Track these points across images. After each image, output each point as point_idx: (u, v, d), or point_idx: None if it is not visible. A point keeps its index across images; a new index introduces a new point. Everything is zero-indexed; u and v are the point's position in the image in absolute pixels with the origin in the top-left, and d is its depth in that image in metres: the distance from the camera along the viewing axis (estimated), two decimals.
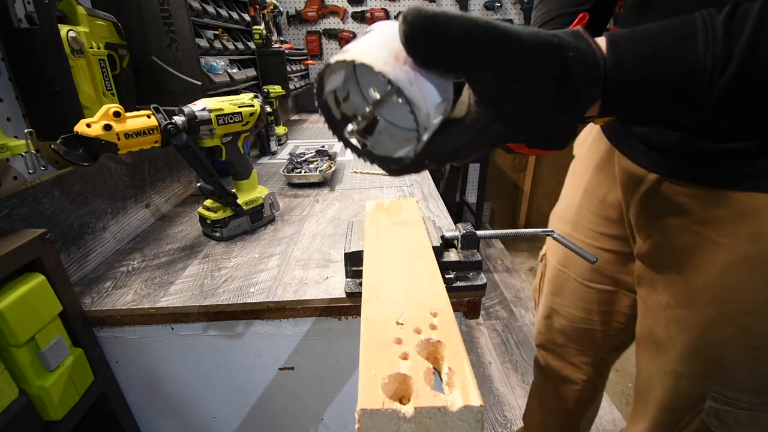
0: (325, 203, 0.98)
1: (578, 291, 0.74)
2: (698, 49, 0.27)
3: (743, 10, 0.27)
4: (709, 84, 0.28)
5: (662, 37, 0.29)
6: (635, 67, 0.29)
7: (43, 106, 0.60)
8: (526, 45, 0.26)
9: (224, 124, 0.72)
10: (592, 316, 0.74)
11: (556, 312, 0.79)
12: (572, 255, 0.73)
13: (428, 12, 0.23)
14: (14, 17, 0.55)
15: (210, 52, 1.07)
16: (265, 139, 1.47)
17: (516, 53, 0.26)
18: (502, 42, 0.26)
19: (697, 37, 0.28)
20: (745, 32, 0.27)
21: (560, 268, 0.77)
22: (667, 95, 0.29)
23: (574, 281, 0.74)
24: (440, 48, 0.24)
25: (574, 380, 0.82)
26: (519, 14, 2.64)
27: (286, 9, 2.52)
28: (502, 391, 1.48)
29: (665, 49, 0.28)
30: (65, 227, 0.64)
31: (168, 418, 0.70)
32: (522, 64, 0.27)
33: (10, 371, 0.47)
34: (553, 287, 0.79)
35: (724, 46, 0.27)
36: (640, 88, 0.29)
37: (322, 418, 0.70)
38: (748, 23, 0.27)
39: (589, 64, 0.28)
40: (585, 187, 0.69)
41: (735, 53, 0.27)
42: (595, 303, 0.72)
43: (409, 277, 0.41)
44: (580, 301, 0.74)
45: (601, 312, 0.73)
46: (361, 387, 0.27)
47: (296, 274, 0.66)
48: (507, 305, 2.00)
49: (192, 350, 0.63)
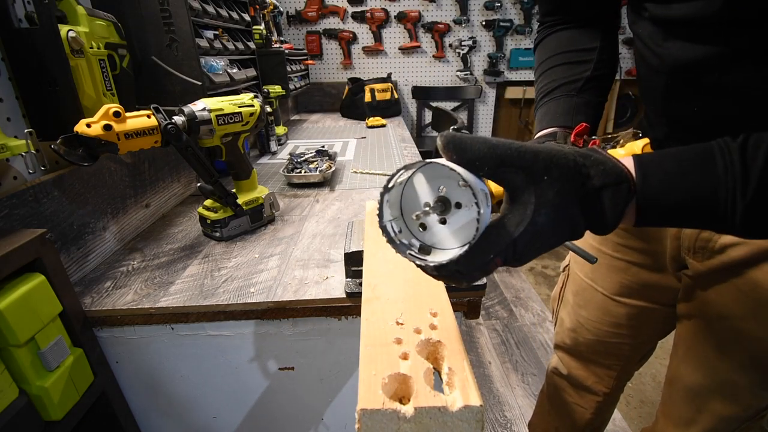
0: (325, 203, 0.97)
1: (605, 305, 0.72)
2: (718, 170, 0.30)
3: (755, 138, 0.30)
4: (734, 200, 0.30)
5: (685, 159, 0.32)
6: (662, 185, 0.31)
7: (43, 106, 0.60)
8: (538, 147, 0.30)
9: (224, 124, 0.72)
10: (620, 330, 0.72)
11: (582, 326, 0.77)
12: (599, 268, 0.71)
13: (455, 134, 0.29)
14: (14, 17, 0.55)
15: (210, 52, 1.07)
16: (265, 139, 1.47)
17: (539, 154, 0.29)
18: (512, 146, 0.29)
19: (715, 160, 0.31)
20: (759, 157, 0.30)
21: (587, 281, 0.75)
22: (695, 210, 0.31)
23: (602, 296, 0.72)
24: (466, 151, 0.28)
25: (596, 392, 0.81)
26: (519, 14, 2.64)
27: (286, 9, 2.52)
28: (502, 391, 1.48)
29: (689, 170, 0.31)
30: (65, 227, 0.64)
31: (168, 418, 0.70)
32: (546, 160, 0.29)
33: (10, 371, 0.47)
34: (579, 300, 0.77)
35: (741, 168, 0.30)
36: (668, 203, 0.31)
37: (322, 418, 0.70)
38: (761, 149, 0.30)
39: (611, 166, 0.31)
40: None
41: (752, 174, 0.29)
42: (624, 317, 0.71)
43: (409, 277, 0.41)
44: (607, 315, 0.72)
45: (629, 326, 0.71)
46: (361, 387, 0.27)
47: (296, 274, 0.66)
48: (507, 305, 2.00)
49: (192, 350, 0.63)
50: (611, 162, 0.31)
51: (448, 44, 2.70)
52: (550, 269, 2.47)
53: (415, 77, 2.80)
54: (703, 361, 0.58)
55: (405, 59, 2.73)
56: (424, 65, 2.76)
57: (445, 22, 2.62)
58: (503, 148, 0.28)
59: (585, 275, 0.75)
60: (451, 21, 2.63)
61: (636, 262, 0.66)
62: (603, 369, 0.78)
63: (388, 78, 2.46)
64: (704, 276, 0.56)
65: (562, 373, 0.86)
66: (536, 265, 2.51)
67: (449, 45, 2.70)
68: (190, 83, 0.95)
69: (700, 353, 0.59)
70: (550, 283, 2.33)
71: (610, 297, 0.71)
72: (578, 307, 0.78)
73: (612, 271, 0.69)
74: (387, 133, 1.86)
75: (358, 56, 2.69)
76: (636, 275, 0.66)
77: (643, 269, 0.66)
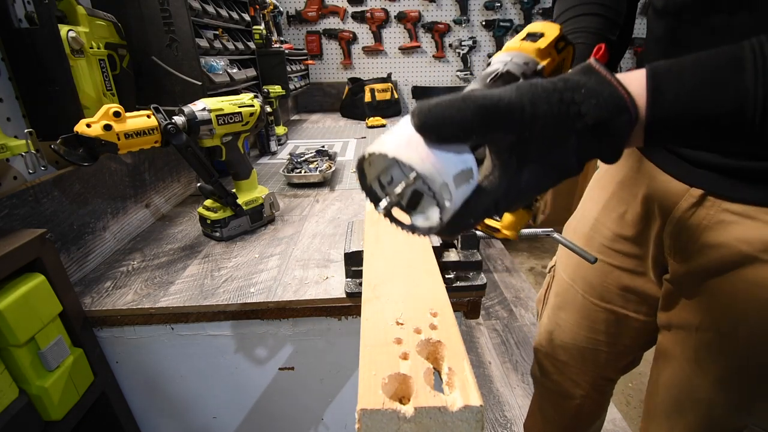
0: (325, 203, 0.97)
1: (584, 308, 0.71)
2: (747, 79, 0.26)
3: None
4: (763, 115, 0.26)
5: (708, 66, 0.27)
6: (678, 100, 0.27)
7: (43, 106, 0.60)
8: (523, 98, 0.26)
9: (224, 124, 0.72)
10: (597, 336, 0.71)
11: (560, 327, 0.76)
12: (582, 269, 0.70)
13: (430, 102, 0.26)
14: (14, 17, 0.55)
15: (210, 52, 1.07)
16: (265, 139, 1.47)
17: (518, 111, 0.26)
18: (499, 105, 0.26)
19: (745, 66, 0.26)
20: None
21: (568, 281, 0.74)
22: (715, 128, 0.27)
23: (582, 297, 0.71)
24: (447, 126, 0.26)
25: (573, 395, 0.79)
26: (519, 14, 2.64)
27: (286, 9, 2.52)
28: (502, 391, 1.48)
29: (712, 80, 0.27)
30: (65, 227, 0.64)
31: (168, 418, 0.70)
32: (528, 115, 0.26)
33: (10, 371, 0.47)
34: (559, 301, 0.76)
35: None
36: (684, 122, 0.28)
37: (322, 418, 0.70)
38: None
39: (606, 95, 0.27)
40: (605, 203, 0.66)
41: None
42: (602, 323, 0.69)
43: (409, 277, 0.41)
44: (586, 319, 0.71)
45: (607, 333, 0.69)
46: (361, 387, 0.27)
47: (296, 274, 0.66)
48: (507, 305, 2.00)
49: (192, 350, 0.63)
50: (608, 90, 0.27)
51: (448, 44, 2.70)
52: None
53: (415, 77, 2.80)
54: (680, 375, 0.56)
55: (405, 59, 2.73)
56: (424, 65, 2.76)
57: (445, 22, 2.62)
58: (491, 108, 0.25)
59: (568, 276, 0.74)
60: (451, 21, 2.63)
61: (619, 265, 0.64)
62: (578, 374, 0.76)
63: (388, 78, 2.46)
64: (684, 281, 0.54)
65: (537, 376, 0.85)
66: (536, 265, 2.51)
67: (449, 45, 2.70)
68: (190, 83, 0.95)
69: (676, 367, 0.57)
70: None
71: (590, 300, 0.69)
72: (558, 308, 0.76)
73: (594, 273, 0.68)
74: None
75: (358, 56, 2.69)
76: (617, 279, 0.65)
77: (625, 273, 0.64)
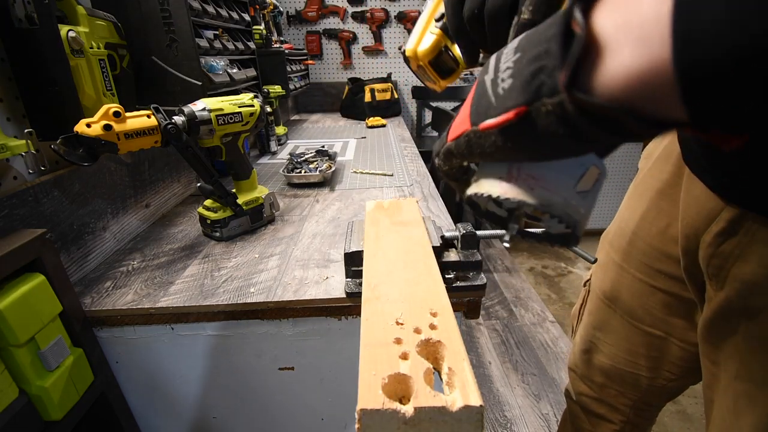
0: (325, 203, 0.97)
1: (624, 330, 0.66)
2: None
3: None
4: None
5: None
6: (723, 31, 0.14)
7: (43, 106, 0.60)
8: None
9: (224, 124, 0.72)
10: (637, 360, 0.66)
11: (597, 348, 0.71)
12: (620, 287, 0.66)
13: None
14: (14, 17, 0.55)
15: (210, 52, 1.07)
16: (265, 139, 1.47)
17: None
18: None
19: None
20: None
21: (606, 301, 0.69)
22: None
23: (620, 318, 0.66)
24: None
25: (612, 420, 0.73)
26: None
27: (286, 9, 2.52)
28: (502, 391, 1.48)
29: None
30: (65, 227, 0.64)
31: (168, 418, 0.70)
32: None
33: (10, 371, 0.47)
34: (596, 321, 0.71)
35: None
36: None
37: (322, 418, 0.70)
38: None
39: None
40: (643, 213, 0.60)
41: None
42: (642, 346, 0.64)
43: (409, 277, 0.41)
44: (625, 341, 0.66)
45: (649, 357, 0.64)
46: (361, 387, 0.27)
47: (296, 274, 0.66)
48: (507, 305, 2.00)
49: (192, 350, 0.63)
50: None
51: None
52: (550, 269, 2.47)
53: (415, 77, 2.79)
54: (723, 416, 0.50)
55: None
56: None
57: None
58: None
59: (604, 294, 0.69)
60: None
61: (662, 288, 0.59)
62: (617, 397, 0.71)
63: (388, 78, 2.46)
64: (720, 313, 0.47)
65: (572, 398, 0.80)
66: (536, 265, 2.51)
67: None
68: (190, 83, 0.95)
69: (717, 416, 0.51)
70: (550, 283, 2.33)
71: (629, 321, 0.65)
72: (593, 327, 0.72)
73: (635, 293, 0.63)
74: (387, 133, 1.86)
75: (358, 56, 2.69)
76: (660, 302, 0.60)
77: (669, 296, 0.59)
